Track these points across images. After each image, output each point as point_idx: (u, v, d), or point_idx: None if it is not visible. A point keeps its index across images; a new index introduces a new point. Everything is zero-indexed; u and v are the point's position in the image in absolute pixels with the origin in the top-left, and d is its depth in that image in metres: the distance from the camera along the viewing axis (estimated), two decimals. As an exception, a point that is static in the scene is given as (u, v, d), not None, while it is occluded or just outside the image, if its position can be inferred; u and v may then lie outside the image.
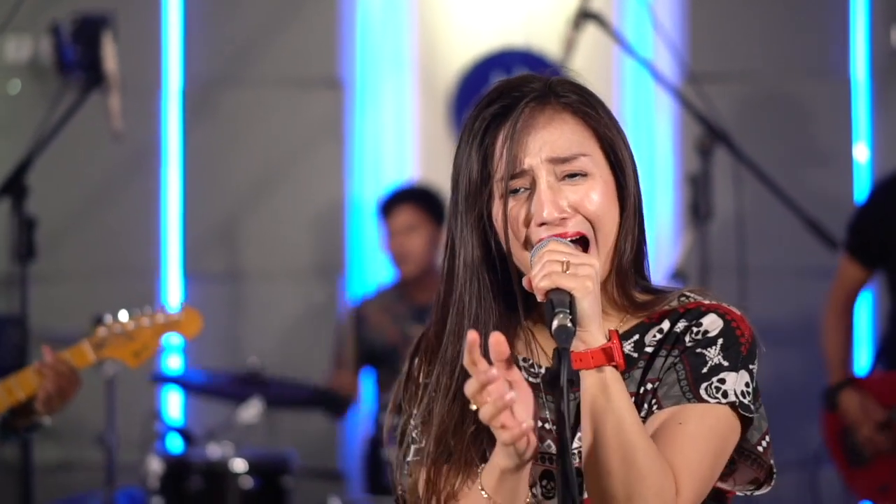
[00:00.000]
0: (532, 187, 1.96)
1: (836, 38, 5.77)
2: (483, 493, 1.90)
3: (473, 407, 1.77)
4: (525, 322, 2.05)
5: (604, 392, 1.84)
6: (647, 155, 5.77)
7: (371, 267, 5.85)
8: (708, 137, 4.68)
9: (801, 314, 5.61)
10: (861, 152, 5.76)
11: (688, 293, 2.03)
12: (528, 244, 1.96)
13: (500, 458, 1.85)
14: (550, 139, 1.97)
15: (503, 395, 1.73)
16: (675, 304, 2.01)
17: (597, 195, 1.96)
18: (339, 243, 5.89)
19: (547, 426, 2.02)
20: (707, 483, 1.93)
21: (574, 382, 1.85)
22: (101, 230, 5.87)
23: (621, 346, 1.86)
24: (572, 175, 1.97)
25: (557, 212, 1.94)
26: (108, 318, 3.32)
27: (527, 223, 1.96)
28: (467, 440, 1.97)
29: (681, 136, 5.67)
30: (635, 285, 2.03)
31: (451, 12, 5.94)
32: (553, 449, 2.00)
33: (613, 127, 2.02)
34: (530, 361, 2.06)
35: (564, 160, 1.96)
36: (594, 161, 1.98)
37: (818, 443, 4.92)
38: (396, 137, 5.91)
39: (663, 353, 1.97)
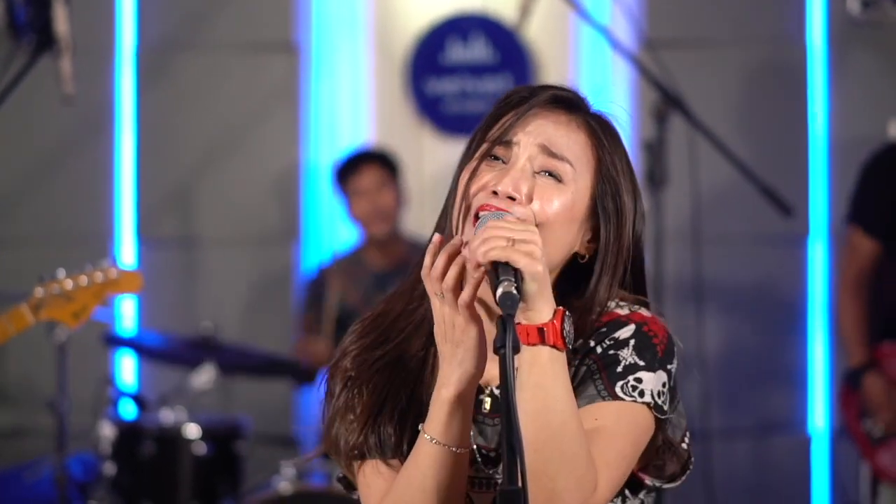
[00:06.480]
0: (509, 162, 1.97)
1: (793, 4, 5.76)
2: (429, 439, 1.90)
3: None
4: None
5: (538, 368, 1.82)
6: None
7: (327, 233, 5.82)
8: (664, 104, 4.68)
9: (755, 280, 5.63)
10: (817, 119, 5.77)
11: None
12: (469, 208, 1.95)
13: (444, 390, 1.87)
14: (552, 132, 1.97)
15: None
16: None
17: (558, 204, 1.95)
18: (294, 209, 5.85)
19: (484, 452, 2.01)
20: (622, 480, 1.93)
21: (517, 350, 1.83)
22: (54, 195, 5.81)
23: (562, 327, 1.83)
24: (549, 173, 1.96)
25: (513, 190, 1.93)
26: (46, 278, 3.29)
27: (482, 188, 1.95)
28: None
29: (637, 103, 5.66)
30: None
31: (408, -24, 5.90)
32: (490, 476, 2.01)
33: (622, 174, 2.01)
34: None
35: (552, 154, 1.96)
36: (576, 178, 1.97)
37: (770, 410, 4.94)
38: (352, 102, 5.88)
39: (575, 362, 1.96)
